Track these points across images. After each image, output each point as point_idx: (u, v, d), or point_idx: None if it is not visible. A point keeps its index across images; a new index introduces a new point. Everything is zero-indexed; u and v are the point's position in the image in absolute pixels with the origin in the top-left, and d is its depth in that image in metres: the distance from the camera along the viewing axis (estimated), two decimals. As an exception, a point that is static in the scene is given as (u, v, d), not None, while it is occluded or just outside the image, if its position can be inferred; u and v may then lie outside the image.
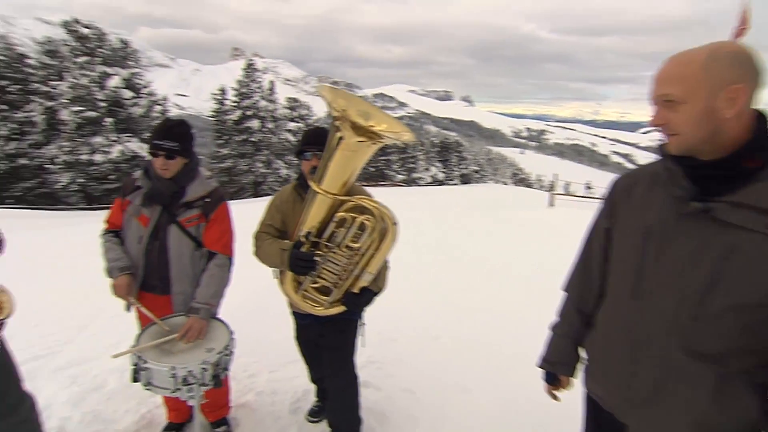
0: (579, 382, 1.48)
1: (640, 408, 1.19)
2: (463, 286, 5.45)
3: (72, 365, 3.43)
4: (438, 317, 4.39)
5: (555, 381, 1.53)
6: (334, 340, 2.21)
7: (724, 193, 1.04)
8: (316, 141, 2.03)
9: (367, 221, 1.82)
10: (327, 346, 2.23)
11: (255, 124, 28.31)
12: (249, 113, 28.57)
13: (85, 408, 2.81)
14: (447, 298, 4.99)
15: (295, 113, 32.74)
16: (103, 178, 21.57)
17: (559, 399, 1.56)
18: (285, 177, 29.85)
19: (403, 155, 39.91)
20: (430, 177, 41.59)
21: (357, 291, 1.95)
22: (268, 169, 29.35)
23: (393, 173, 38.14)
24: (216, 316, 2.13)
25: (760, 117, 1.07)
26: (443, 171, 44.21)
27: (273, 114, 29.65)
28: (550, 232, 8.95)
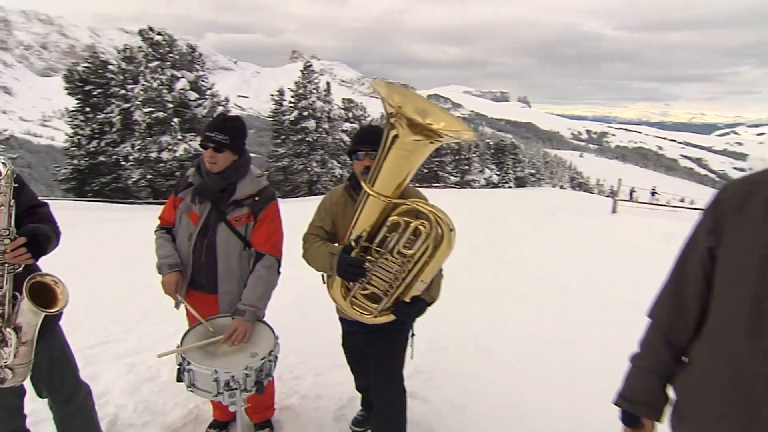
0: (666, 426, 1.25)
1: None
2: (519, 297, 5.16)
3: (130, 354, 3.56)
4: (491, 328, 4.16)
5: (635, 423, 1.28)
6: (382, 350, 2.10)
7: None
8: (369, 140, 1.92)
9: (421, 226, 1.69)
10: (374, 356, 2.12)
11: (311, 124, 29.00)
12: (305, 114, 29.32)
13: (139, 397, 2.89)
14: (501, 308, 4.74)
15: (350, 114, 33.20)
16: (169, 175, 22.97)
17: None
18: (339, 176, 30.35)
19: (457, 157, 39.34)
20: (484, 179, 40.71)
21: (408, 300, 1.82)
22: (323, 169, 29.97)
23: (446, 175, 37.68)
24: (262, 319, 2.08)
25: None
26: (498, 173, 43.13)
27: (328, 114, 30.24)
28: (615, 241, 8.36)
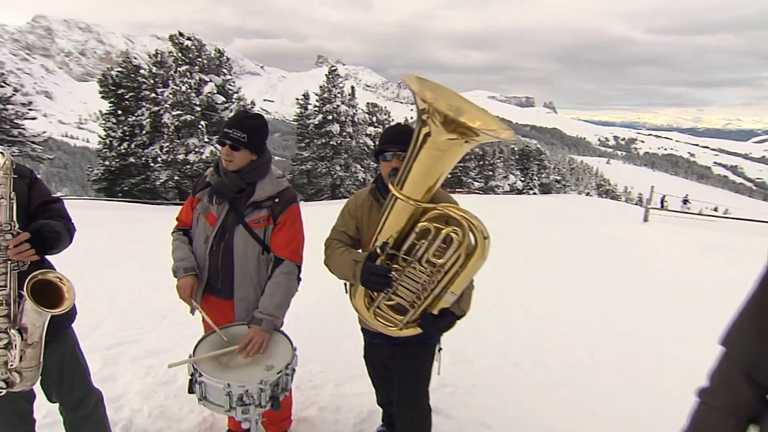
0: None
1: None
2: (548, 309, 4.92)
3: (149, 355, 3.52)
4: (519, 341, 3.96)
5: None
6: (407, 365, 1.95)
7: None
8: (398, 139, 1.78)
9: (453, 234, 1.54)
10: (398, 371, 1.97)
11: (335, 128, 29.15)
12: (330, 117, 29.50)
13: (154, 402, 2.82)
14: (529, 321, 4.53)
15: (374, 118, 33.24)
16: (195, 176, 23.42)
17: None
18: (362, 180, 30.39)
19: (481, 162, 38.86)
20: (509, 185, 40.08)
21: (436, 313, 1.68)
22: (346, 173, 30.06)
23: (470, 180, 37.24)
24: (279, 328, 1.96)
25: None
26: (522, 180, 42.41)
27: (353, 118, 30.35)
28: (648, 252, 7.98)
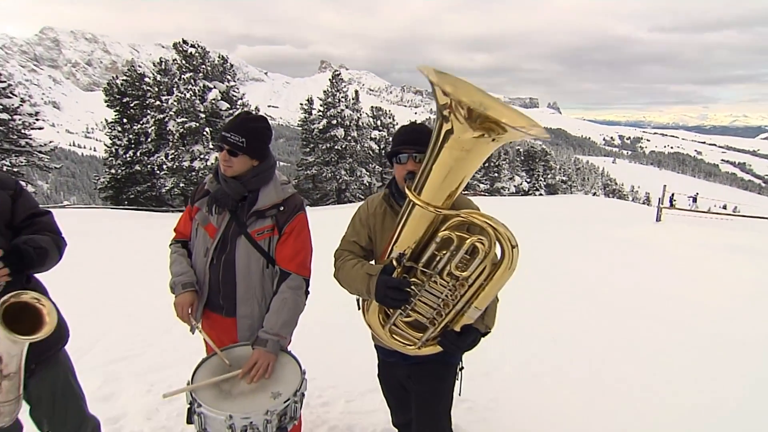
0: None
1: None
2: (569, 317, 4.73)
3: (151, 371, 3.39)
4: (538, 352, 3.78)
5: None
6: (427, 386, 1.78)
7: None
8: (414, 140, 1.62)
9: (479, 243, 1.38)
10: (417, 393, 1.81)
11: (339, 132, 29.06)
12: (334, 122, 29.43)
13: (156, 422, 2.68)
14: (549, 330, 4.33)
15: (379, 122, 33.16)
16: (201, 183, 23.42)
17: None
18: (368, 185, 30.27)
19: (486, 164, 38.58)
20: (515, 186, 39.78)
21: (458, 329, 1.52)
22: (351, 177, 29.96)
23: (475, 182, 36.99)
24: (286, 348, 1.79)
25: None
26: (528, 181, 42.10)
27: (357, 123, 30.25)
28: (664, 253, 7.75)
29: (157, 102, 24.71)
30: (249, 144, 1.74)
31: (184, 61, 23.61)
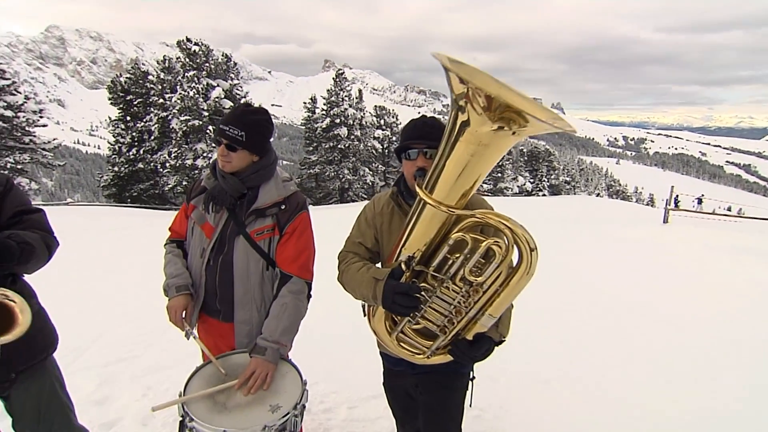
0: None
1: None
2: (577, 319, 4.61)
3: (148, 373, 3.29)
4: (547, 355, 3.67)
5: None
6: (436, 398, 1.68)
7: None
8: (425, 134, 1.51)
9: (495, 246, 1.27)
10: (425, 405, 1.70)
11: (343, 131, 28.98)
12: (337, 121, 29.34)
13: (152, 429, 2.58)
14: (557, 332, 4.22)
15: (382, 121, 33.06)
16: (204, 182, 23.41)
17: None
18: (371, 183, 30.17)
19: (488, 164, 38.41)
20: (518, 187, 39.61)
21: (471, 338, 1.42)
22: (354, 176, 29.87)
23: (478, 182, 36.86)
24: (286, 357, 1.68)
25: None
26: (531, 181, 41.92)
27: (360, 122, 30.16)
28: (673, 255, 7.61)
29: (161, 100, 24.72)
30: (249, 138, 1.63)
31: (187, 59, 23.59)
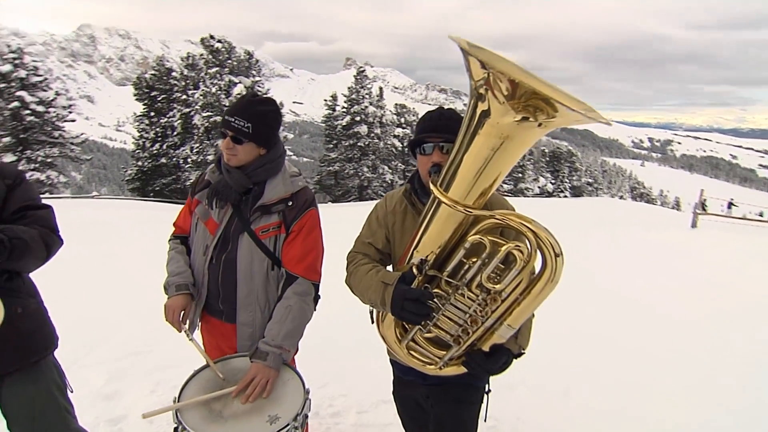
0: None
1: None
2: (597, 327, 4.40)
3: (158, 369, 3.27)
4: (568, 364, 3.51)
5: None
6: (448, 413, 1.57)
7: None
8: (442, 126, 1.40)
9: (516, 251, 1.15)
10: (437, 420, 1.59)
11: (363, 129, 28.96)
12: (357, 119, 29.34)
13: (157, 427, 2.54)
14: (579, 339, 4.03)
15: (402, 119, 32.92)
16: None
17: None
18: (390, 182, 30.09)
19: (509, 164, 37.84)
20: (539, 188, 38.93)
21: (487, 349, 1.30)
22: (374, 174, 29.83)
23: (498, 182, 36.37)
24: (289, 362, 1.58)
25: None
26: (553, 182, 41.14)
27: (380, 120, 30.09)
28: (702, 262, 7.27)
29: (184, 96, 25.09)
30: (255, 130, 1.54)
31: (210, 56, 23.88)
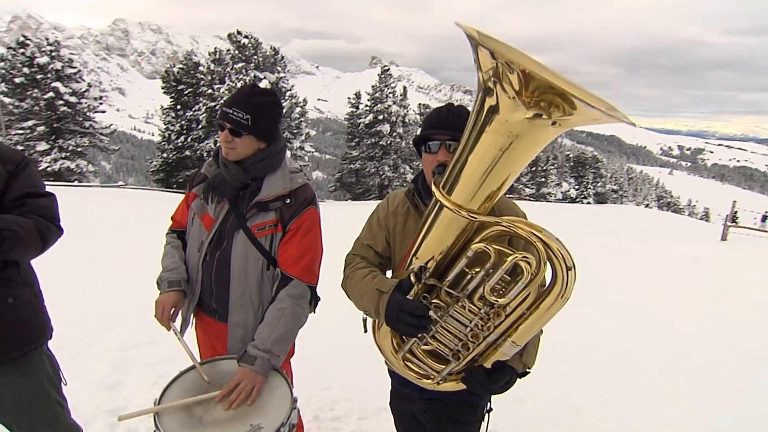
0: None
1: None
2: (615, 341, 4.21)
3: (161, 362, 3.25)
4: (582, 380, 3.34)
5: None
6: (445, 430, 1.46)
7: None
8: (450, 123, 1.30)
9: (523, 263, 1.05)
10: (433, 436, 1.49)
11: (385, 128, 28.93)
12: (380, 117, 29.31)
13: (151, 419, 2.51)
14: (595, 355, 3.86)
15: (424, 119, 32.77)
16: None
17: None
18: (410, 181, 30.02)
19: (533, 167, 37.27)
20: (562, 193, 38.19)
21: (489, 366, 1.19)
22: (395, 173, 29.77)
23: (521, 185, 35.79)
24: (279, 368, 1.50)
25: None
26: (576, 188, 40.30)
27: (403, 119, 30.00)
28: (731, 276, 6.94)
29: (210, 90, 25.48)
30: (255, 122, 1.47)
31: (237, 51, 24.20)
